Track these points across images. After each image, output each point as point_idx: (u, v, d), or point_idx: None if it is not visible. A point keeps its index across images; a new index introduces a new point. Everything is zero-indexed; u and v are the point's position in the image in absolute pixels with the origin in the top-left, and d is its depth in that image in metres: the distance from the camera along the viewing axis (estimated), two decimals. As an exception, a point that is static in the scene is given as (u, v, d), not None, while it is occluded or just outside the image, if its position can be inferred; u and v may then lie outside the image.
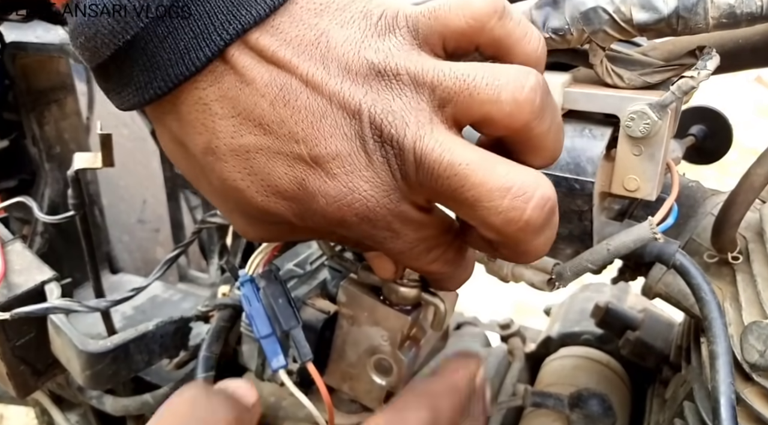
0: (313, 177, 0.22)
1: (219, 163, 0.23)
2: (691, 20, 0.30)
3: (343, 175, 0.22)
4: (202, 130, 0.23)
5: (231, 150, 0.22)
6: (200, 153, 0.23)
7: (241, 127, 0.22)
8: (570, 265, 0.37)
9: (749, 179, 0.37)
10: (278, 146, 0.22)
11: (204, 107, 0.22)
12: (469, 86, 0.21)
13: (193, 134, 0.23)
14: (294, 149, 0.22)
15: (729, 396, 0.34)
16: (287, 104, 0.21)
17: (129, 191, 0.87)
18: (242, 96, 0.22)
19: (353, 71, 0.22)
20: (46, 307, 0.41)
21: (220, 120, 0.22)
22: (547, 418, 0.54)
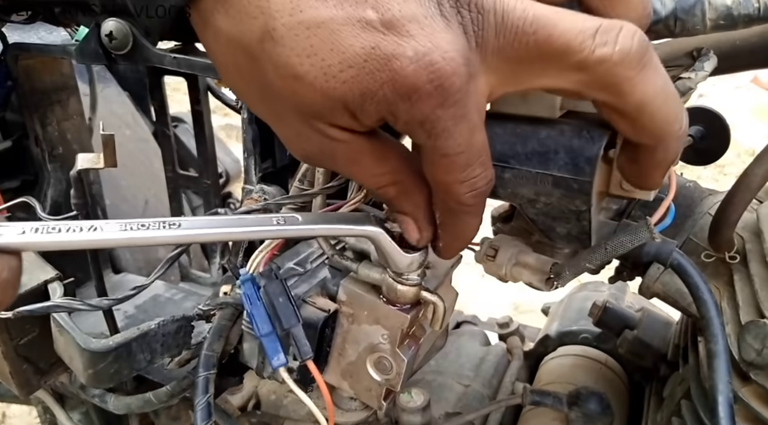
0: (385, 42, 0.20)
1: (278, 48, 0.21)
2: (689, 22, 0.30)
3: (421, 36, 0.20)
4: (257, 13, 0.21)
5: (290, 29, 0.21)
6: (256, 42, 0.21)
7: (301, 2, 0.21)
8: (568, 264, 0.37)
9: (746, 179, 0.38)
10: (343, 16, 0.20)
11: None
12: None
13: (247, 21, 0.21)
14: (363, 15, 0.20)
15: (727, 395, 0.35)
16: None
17: (131, 192, 0.87)
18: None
19: None
20: (49, 306, 0.41)
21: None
22: (545, 417, 0.54)
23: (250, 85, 0.24)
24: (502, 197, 0.40)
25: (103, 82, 0.91)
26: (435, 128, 0.22)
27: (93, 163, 0.43)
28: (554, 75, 0.22)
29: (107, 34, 0.49)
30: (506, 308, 1.90)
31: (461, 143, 0.22)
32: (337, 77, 0.21)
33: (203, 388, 0.38)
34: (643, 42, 0.21)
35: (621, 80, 0.21)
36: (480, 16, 0.21)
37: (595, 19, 0.21)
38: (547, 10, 0.21)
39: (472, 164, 0.23)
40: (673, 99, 0.22)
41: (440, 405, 0.57)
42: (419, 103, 0.21)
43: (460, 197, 0.24)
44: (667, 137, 0.23)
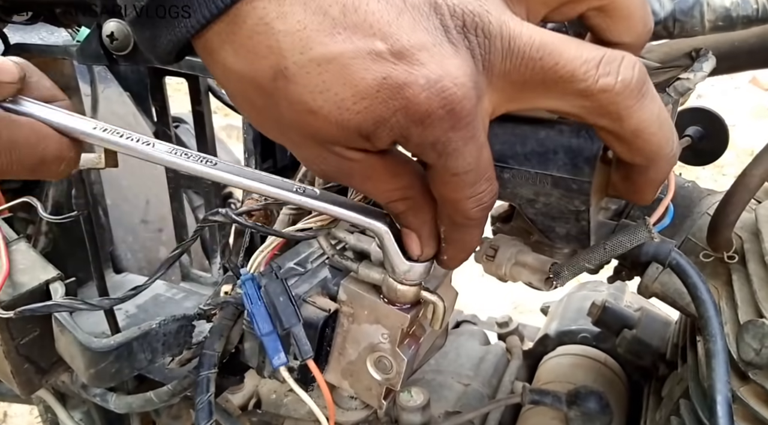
0: (396, 71, 0.21)
1: (290, 86, 0.21)
2: (688, 23, 0.30)
3: (431, 63, 0.21)
4: (267, 53, 0.21)
5: (301, 67, 0.21)
6: (269, 80, 0.22)
7: (310, 40, 0.21)
8: (568, 264, 0.37)
9: (745, 179, 0.38)
10: (353, 50, 0.21)
11: (265, 27, 0.21)
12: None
13: (258, 60, 0.22)
14: (372, 47, 0.21)
15: (725, 394, 0.35)
16: (358, 9, 0.21)
17: (132, 192, 0.87)
18: (308, 8, 0.21)
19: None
20: (51, 305, 0.42)
21: (285, 37, 0.21)
22: (545, 416, 0.55)
23: (265, 117, 0.24)
24: (501, 197, 0.40)
25: (104, 83, 0.91)
26: (446, 149, 0.22)
27: (94, 163, 0.43)
28: (557, 98, 0.23)
29: (108, 34, 0.49)
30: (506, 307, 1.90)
31: (470, 162, 0.23)
32: (350, 109, 0.21)
33: (204, 387, 0.39)
34: (642, 73, 0.22)
35: (621, 108, 0.22)
36: (487, 41, 0.21)
37: (599, 49, 0.22)
38: (553, 37, 0.22)
39: (479, 181, 0.24)
40: (666, 125, 0.24)
41: (440, 404, 0.57)
42: (432, 127, 0.22)
43: (467, 213, 0.25)
44: (659, 159, 0.25)
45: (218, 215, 0.38)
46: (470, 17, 0.21)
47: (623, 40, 0.25)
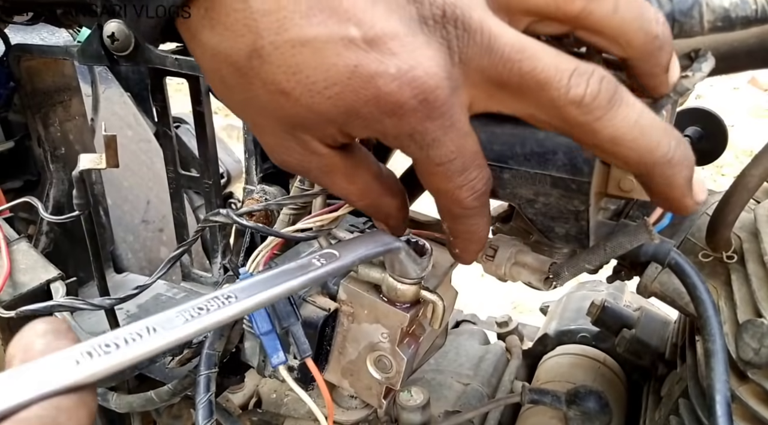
0: (367, 59, 0.21)
1: (264, 66, 0.21)
2: (687, 24, 0.30)
3: (402, 53, 0.21)
4: (245, 31, 0.21)
5: (276, 48, 0.21)
6: (244, 59, 0.22)
7: (286, 20, 0.21)
8: (567, 264, 0.37)
9: (744, 179, 0.38)
10: (327, 34, 0.21)
11: (243, 5, 0.21)
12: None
13: (234, 38, 0.22)
14: (346, 33, 0.20)
15: (724, 394, 0.35)
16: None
17: (133, 192, 0.87)
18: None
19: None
20: (52, 305, 0.42)
21: (263, 17, 0.21)
22: (544, 415, 0.55)
23: (237, 97, 0.24)
24: (501, 197, 0.40)
25: (105, 83, 0.91)
26: (425, 139, 0.22)
27: (95, 163, 0.44)
28: (532, 105, 0.22)
29: (109, 35, 0.49)
30: (505, 307, 1.90)
31: (453, 150, 0.23)
32: (321, 94, 0.21)
33: (204, 387, 0.39)
34: (610, 85, 0.22)
35: (589, 120, 0.22)
36: (466, 34, 0.21)
37: (574, 61, 0.22)
38: (532, 42, 0.22)
39: (468, 168, 0.23)
40: (651, 129, 0.23)
41: (440, 404, 0.58)
42: (405, 117, 0.21)
43: (462, 202, 0.25)
44: (653, 164, 0.24)
45: (219, 216, 0.39)
46: (450, 9, 0.21)
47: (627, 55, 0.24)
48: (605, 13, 0.22)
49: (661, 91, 0.26)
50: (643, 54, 0.23)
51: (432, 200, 0.27)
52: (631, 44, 0.23)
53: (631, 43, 0.23)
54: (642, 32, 0.23)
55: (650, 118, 0.23)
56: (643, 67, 0.24)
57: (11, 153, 0.70)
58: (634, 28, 0.23)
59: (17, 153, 0.70)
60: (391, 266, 0.33)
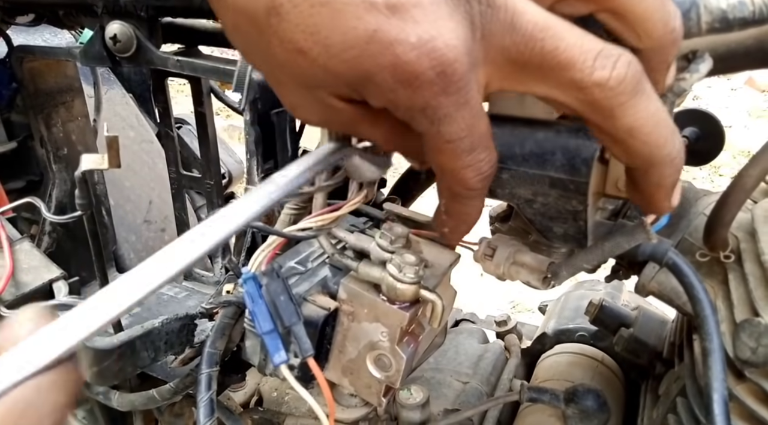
0: (388, 25, 0.20)
1: (282, 24, 0.21)
2: (684, 25, 0.31)
3: (424, 22, 0.20)
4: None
5: (295, 6, 0.21)
6: (263, 15, 0.21)
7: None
8: (565, 264, 0.38)
9: (741, 179, 0.38)
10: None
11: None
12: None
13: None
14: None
15: (722, 393, 0.35)
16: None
17: (135, 192, 0.88)
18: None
19: None
20: (54, 304, 0.42)
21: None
22: (542, 413, 0.55)
23: (256, 52, 0.24)
24: (500, 197, 0.40)
25: (108, 85, 0.91)
26: (437, 114, 0.22)
27: (97, 164, 0.44)
28: (552, 86, 0.22)
29: (111, 36, 0.50)
30: (504, 306, 1.91)
31: (464, 128, 0.22)
32: (338, 56, 0.21)
33: (206, 385, 0.39)
34: (638, 71, 0.22)
35: (613, 104, 0.22)
36: (490, 10, 0.21)
37: (600, 42, 0.21)
38: (557, 21, 0.21)
39: (476, 148, 0.23)
40: (664, 125, 0.23)
41: (439, 402, 0.58)
42: (421, 89, 0.21)
43: (467, 182, 0.24)
44: (657, 161, 0.24)
45: (220, 215, 0.39)
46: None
47: (642, 45, 0.24)
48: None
49: (659, 89, 0.26)
50: (658, 46, 0.23)
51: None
52: (650, 34, 0.23)
53: (650, 32, 0.23)
54: (662, 23, 0.23)
55: (665, 113, 0.23)
56: (654, 60, 0.24)
57: (14, 154, 0.70)
58: (656, 18, 0.22)
59: (20, 154, 0.70)
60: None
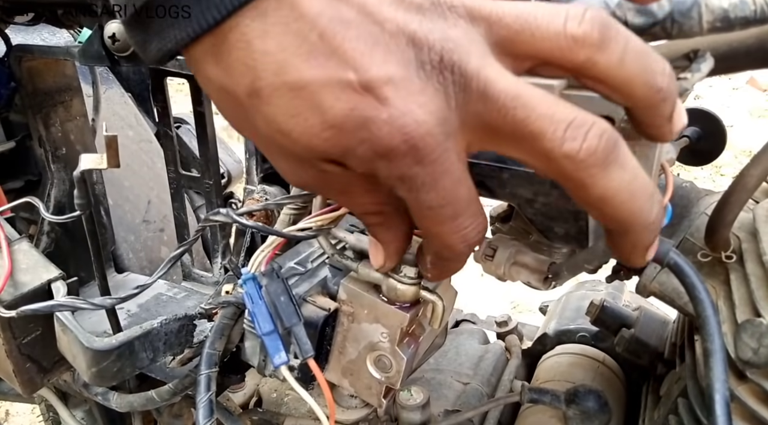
0: (363, 104, 0.21)
1: (263, 106, 0.22)
2: (686, 24, 0.31)
3: (396, 99, 0.21)
4: (245, 70, 0.22)
5: (275, 89, 0.21)
6: (245, 96, 0.22)
7: (286, 63, 0.21)
8: (567, 265, 0.38)
9: (743, 179, 0.38)
10: (326, 78, 0.21)
11: (245, 44, 0.21)
12: (530, 24, 0.21)
13: (235, 76, 0.22)
14: (343, 76, 0.21)
15: (723, 394, 0.35)
16: (337, 35, 0.21)
17: (134, 192, 0.88)
18: (289, 30, 0.21)
19: (406, 1, 0.21)
20: (53, 305, 0.42)
21: (263, 57, 0.21)
22: (543, 414, 0.55)
23: (244, 126, 0.25)
24: (500, 197, 0.40)
25: (106, 84, 0.91)
26: (414, 183, 0.22)
27: (96, 163, 0.44)
28: (525, 152, 0.22)
29: (110, 35, 0.49)
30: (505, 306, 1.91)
31: (444, 196, 0.23)
32: (319, 136, 0.22)
33: (205, 386, 0.39)
34: (610, 142, 0.21)
35: (583, 176, 0.22)
36: (462, 79, 0.21)
37: (573, 111, 0.21)
38: (530, 90, 0.21)
39: (460, 215, 0.23)
40: (641, 194, 0.23)
41: (439, 403, 0.58)
42: (396, 161, 0.22)
43: (452, 248, 0.25)
44: (633, 228, 0.24)
45: (219, 215, 0.39)
46: (448, 55, 0.21)
47: (630, 105, 0.23)
48: (611, 64, 0.22)
49: (663, 140, 0.25)
50: (644, 106, 0.23)
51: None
52: (633, 96, 0.22)
53: (633, 95, 0.22)
54: (646, 86, 0.22)
55: (642, 180, 0.23)
56: (644, 118, 0.24)
57: (12, 153, 0.70)
58: (639, 81, 0.22)
59: (18, 153, 0.70)
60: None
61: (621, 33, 0.22)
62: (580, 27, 0.21)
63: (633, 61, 0.22)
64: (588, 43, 0.21)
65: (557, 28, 0.21)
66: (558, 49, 0.22)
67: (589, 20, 0.21)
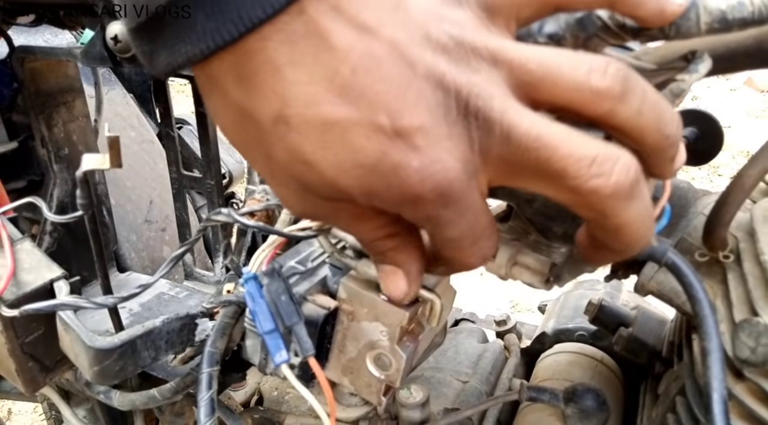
0: (394, 150, 0.21)
1: (291, 134, 0.21)
2: (684, 25, 0.31)
3: (426, 147, 0.21)
4: (272, 96, 0.21)
5: (305, 120, 0.21)
6: (269, 121, 0.21)
7: (317, 96, 0.20)
8: (568, 267, 0.38)
9: (740, 180, 0.38)
10: (358, 117, 0.21)
11: (274, 70, 0.20)
12: (553, 73, 0.22)
13: (260, 99, 0.21)
14: (376, 119, 0.21)
15: (721, 393, 0.35)
16: (369, 73, 0.20)
17: (136, 192, 0.88)
18: (320, 62, 0.20)
19: (434, 40, 0.21)
20: (55, 304, 0.42)
21: (293, 87, 0.20)
22: (542, 413, 0.55)
23: (254, 149, 0.24)
24: (500, 197, 0.41)
25: (108, 85, 0.91)
26: (439, 222, 0.23)
27: (98, 164, 0.44)
28: (549, 188, 0.23)
29: (112, 37, 0.50)
30: (504, 305, 1.91)
31: (466, 229, 0.23)
32: (348, 173, 0.22)
33: (206, 384, 0.39)
34: (636, 176, 0.22)
35: (607, 209, 0.22)
36: (486, 124, 0.21)
37: (596, 146, 0.22)
38: (552, 129, 0.22)
39: (479, 241, 0.24)
40: (649, 220, 0.24)
41: (439, 401, 0.58)
42: (423, 206, 0.22)
43: (469, 265, 0.26)
44: (634, 249, 0.25)
45: (221, 215, 0.39)
46: (473, 101, 0.21)
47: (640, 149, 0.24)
48: (630, 115, 0.22)
49: (664, 178, 0.26)
50: (653, 151, 0.24)
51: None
52: (645, 143, 0.23)
53: (645, 142, 0.23)
54: (657, 134, 0.23)
55: (650, 209, 0.24)
56: (650, 160, 0.24)
57: (15, 154, 0.70)
58: (652, 130, 0.23)
59: (21, 154, 0.70)
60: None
61: (640, 85, 0.22)
62: (604, 80, 0.22)
63: (649, 112, 0.22)
64: (611, 96, 0.22)
65: (581, 78, 0.22)
66: (581, 100, 0.22)
67: (612, 74, 0.22)
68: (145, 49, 0.22)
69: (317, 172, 0.22)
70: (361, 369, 0.38)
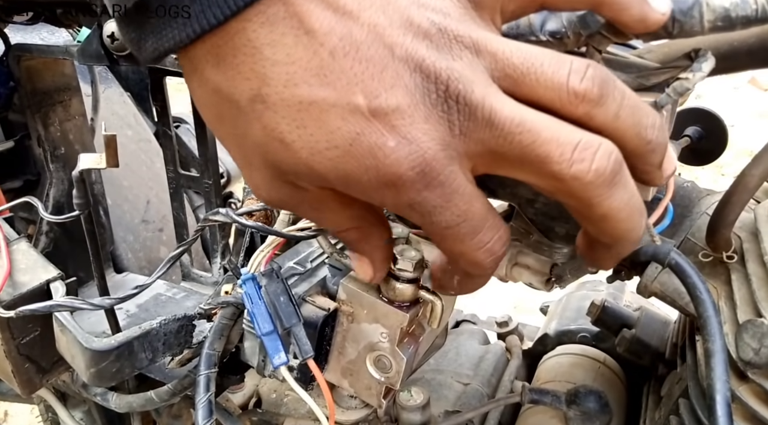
0: (370, 130, 0.21)
1: (268, 112, 0.21)
2: (687, 24, 0.30)
3: (401, 127, 0.21)
4: (251, 75, 0.21)
5: (283, 99, 0.21)
6: (246, 100, 0.22)
7: (296, 76, 0.21)
8: (570, 268, 0.38)
9: (744, 179, 0.38)
10: (335, 98, 0.21)
11: (254, 50, 0.21)
12: (536, 70, 0.22)
13: (239, 80, 0.21)
14: (352, 99, 0.21)
15: (724, 394, 0.35)
16: (347, 55, 0.21)
17: (133, 192, 0.88)
18: (299, 43, 0.21)
19: (415, 25, 0.21)
20: (51, 305, 0.42)
21: (273, 66, 0.21)
22: (544, 415, 0.55)
23: (229, 129, 0.24)
24: (501, 197, 0.40)
25: (105, 83, 0.91)
26: (425, 208, 0.23)
27: (95, 163, 0.44)
28: (531, 174, 0.23)
29: (109, 35, 0.49)
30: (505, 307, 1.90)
31: (459, 214, 0.23)
32: (322, 154, 0.22)
33: (204, 386, 0.39)
34: (617, 162, 0.22)
35: (591, 196, 0.22)
36: (467, 108, 0.21)
37: (578, 133, 0.22)
38: (534, 115, 0.22)
39: (480, 230, 0.23)
40: (636, 212, 0.24)
41: (440, 404, 0.58)
42: (404, 188, 0.22)
43: (480, 264, 0.25)
44: (623, 242, 0.25)
45: (219, 215, 0.39)
46: (454, 85, 0.21)
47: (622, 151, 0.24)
48: (607, 119, 0.23)
49: (653, 184, 0.26)
50: (635, 155, 0.24)
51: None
52: (625, 147, 0.23)
53: (625, 146, 0.23)
54: (637, 138, 0.23)
55: (637, 200, 0.24)
56: (635, 165, 0.24)
57: (11, 153, 0.70)
58: (631, 134, 0.23)
59: (17, 153, 0.70)
60: None
61: (618, 89, 0.23)
62: (582, 83, 0.22)
63: (627, 116, 0.23)
64: (588, 98, 0.22)
65: (561, 79, 0.22)
66: (558, 100, 0.22)
67: (590, 77, 0.22)
68: (132, 35, 0.23)
69: (292, 152, 0.22)
70: (360, 371, 0.37)
